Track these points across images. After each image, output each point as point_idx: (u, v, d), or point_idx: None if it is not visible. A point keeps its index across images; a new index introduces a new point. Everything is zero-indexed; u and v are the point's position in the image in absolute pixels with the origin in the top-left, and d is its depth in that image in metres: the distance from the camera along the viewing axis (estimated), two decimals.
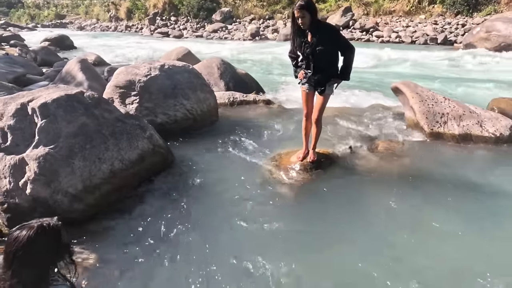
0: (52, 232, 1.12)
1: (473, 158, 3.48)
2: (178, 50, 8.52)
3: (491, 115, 3.99)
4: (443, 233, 2.36)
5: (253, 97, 5.46)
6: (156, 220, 2.55)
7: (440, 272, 2.04)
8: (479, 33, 11.25)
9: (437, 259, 2.13)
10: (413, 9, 16.90)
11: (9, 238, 1.09)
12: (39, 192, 2.36)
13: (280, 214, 2.57)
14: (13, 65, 7.33)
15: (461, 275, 2.03)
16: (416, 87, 4.31)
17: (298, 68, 3.04)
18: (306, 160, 3.21)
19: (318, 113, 3.04)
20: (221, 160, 3.45)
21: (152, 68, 4.19)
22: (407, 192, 2.83)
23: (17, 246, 1.04)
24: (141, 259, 2.17)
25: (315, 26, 2.73)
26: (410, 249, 2.23)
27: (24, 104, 2.63)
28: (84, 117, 2.77)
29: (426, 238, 2.33)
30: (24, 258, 1.04)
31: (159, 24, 24.14)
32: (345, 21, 16.43)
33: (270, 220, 2.50)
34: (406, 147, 3.63)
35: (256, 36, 17.76)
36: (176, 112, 4.11)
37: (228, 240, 2.35)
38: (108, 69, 7.65)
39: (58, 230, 1.14)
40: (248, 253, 2.19)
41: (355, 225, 2.48)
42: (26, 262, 1.04)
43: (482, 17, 14.30)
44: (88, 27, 30.88)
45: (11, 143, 2.49)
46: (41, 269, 1.09)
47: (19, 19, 39.19)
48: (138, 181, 2.95)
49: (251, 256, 2.16)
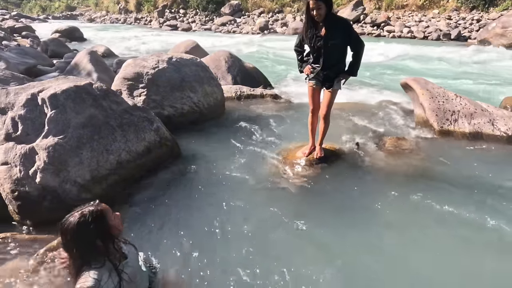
0: (95, 217, 1.33)
1: (483, 157, 3.40)
2: (186, 43, 8.52)
3: (504, 114, 3.89)
4: (448, 232, 2.33)
5: (260, 91, 5.44)
6: (161, 211, 2.58)
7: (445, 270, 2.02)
8: (495, 29, 10.93)
9: (442, 258, 2.11)
10: (426, 3, 16.49)
11: (62, 224, 1.31)
12: (48, 181, 2.41)
13: (283, 209, 2.57)
14: (24, 56, 7.45)
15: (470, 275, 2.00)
16: (427, 83, 4.22)
17: (304, 63, 3.00)
18: (312, 156, 3.19)
19: (327, 108, 3.00)
20: (227, 153, 3.46)
21: (160, 60, 4.20)
22: (413, 191, 2.79)
23: (68, 231, 1.29)
24: (146, 250, 2.20)
25: (330, 19, 2.66)
26: (414, 248, 2.21)
27: (34, 95, 2.68)
28: (93, 108, 2.81)
29: (432, 237, 2.31)
30: (76, 239, 1.30)
31: (168, 17, 24.13)
32: (356, 15, 16.14)
33: (272, 213, 2.50)
34: (414, 145, 3.57)
35: (265, 30, 17.61)
36: (183, 105, 4.12)
37: (230, 232, 2.36)
38: (116, 61, 7.71)
39: (101, 214, 1.35)
40: (250, 245, 2.20)
41: (358, 222, 2.47)
42: (78, 241, 1.30)
43: (499, 12, 13.86)
44: (98, 19, 31.10)
45: (21, 132, 2.54)
46: (92, 245, 1.32)
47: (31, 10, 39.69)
48: (144, 172, 2.98)
49: (252, 248, 2.18)
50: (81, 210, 1.33)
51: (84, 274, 1.29)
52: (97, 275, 1.29)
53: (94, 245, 1.32)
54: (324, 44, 2.72)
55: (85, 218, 1.30)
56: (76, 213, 1.32)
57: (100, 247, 1.34)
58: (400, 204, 2.65)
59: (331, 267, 2.05)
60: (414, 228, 2.39)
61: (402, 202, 2.67)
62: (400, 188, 2.84)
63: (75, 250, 1.30)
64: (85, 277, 1.28)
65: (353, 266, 2.07)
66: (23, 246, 2.21)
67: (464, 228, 2.38)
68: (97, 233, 1.33)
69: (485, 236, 2.30)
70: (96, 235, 1.32)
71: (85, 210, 1.33)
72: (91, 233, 1.31)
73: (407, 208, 2.61)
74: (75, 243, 1.30)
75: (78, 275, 1.30)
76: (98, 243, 1.33)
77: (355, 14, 16.16)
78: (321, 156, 3.15)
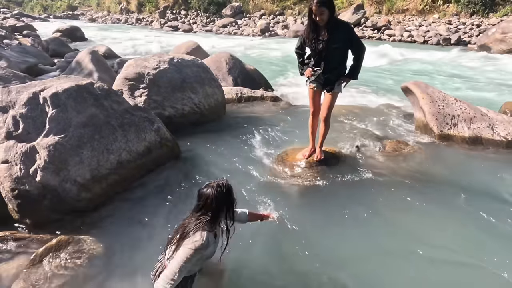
0: (228, 188, 1.64)
1: (482, 162, 3.41)
2: (188, 44, 8.54)
3: (503, 118, 3.90)
4: (446, 235, 2.34)
5: (261, 93, 5.45)
6: (161, 211, 2.58)
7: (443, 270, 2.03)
8: (495, 34, 10.98)
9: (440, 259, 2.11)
10: (426, 8, 16.56)
11: (201, 193, 1.62)
12: (48, 180, 2.41)
13: (283, 210, 2.56)
14: (25, 55, 7.46)
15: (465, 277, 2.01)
16: (427, 87, 4.24)
17: (305, 66, 3.01)
18: (312, 158, 3.19)
19: (327, 111, 3.01)
20: (227, 155, 3.46)
21: (161, 61, 4.21)
22: (412, 194, 2.80)
23: (209, 196, 1.58)
24: (145, 248, 2.20)
25: (332, 23, 2.68)
26: (414, 249, 2.21)
27: (36, 93, 2.68)
28: (94, 107, 2.81)
29: (431, 239, 2.31)
30: (213, 203, 1.58)
31: (169, 18, 24.19)
32: (356, 19, 16.20)
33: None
34: (414, 149, 3.58)
35: (266, 32, 17.66)
36: (183, 106, 4.13)
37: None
38: (118, 61, 7.72)
39: (230, 187, 1.66)
40: (247, 246, 2.20)
41: (358, 224, 2.47)
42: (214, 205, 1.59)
43: (499, 17, 13.94)
44: (99, 19, 31.15)
45: (22, 131, 2.54)
46: (221, 210, 1.62)
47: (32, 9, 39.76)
48: (144, 172, 2.99)
49: (249, 249, 2.18)
50: (217, 182, 1.62)
51: (199, 233, 1.54)
52: (210, 236, 1.56)
53: (222, 211, 1.61)
54: (326, 48, 2.73)
55: (221, 188, 1.60)
56: (214, 183, 1.62)
57: (223, 214, 1.62)
58: (400, 207, 2.65)
59: (329, 267, 2.05)
60: (413, 230, 2.39)
61: (402, 204, 2.68)
62: (399, 191, 2.85)
63: (208, 211, 1.58)
64: (199, 236, 1.53)
65: (351, 268, 2.07)
66: (23, 245, 2.20)
67: (462, 229, 2.39)
68: (227, 201, 1.62)
69: (484, 237, 2.31)
70: (226, 202, 1.61)
71: (220, 182, 1.62)
72: (224, 200, 1.60)
73: (407, 210, 2.62)
74: (211, 206, 1.57)
75: (188, 235, 1.55)
76: (224, 209, 1.61)
77: (356, 18, 16.22)
78: (321, 159, 3.15)
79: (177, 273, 1.49)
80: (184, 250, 1.52)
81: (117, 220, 2.49)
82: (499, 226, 2.43)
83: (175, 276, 1.49)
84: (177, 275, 1.49)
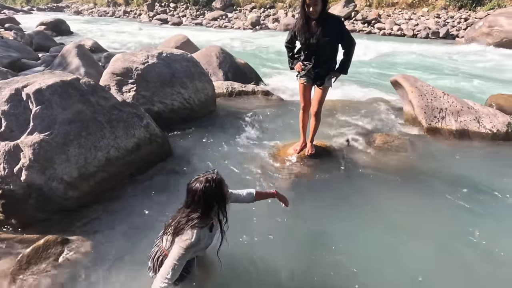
0: (217, 183, 1.55)
1: (469, 154, 3.49)
2: (177, 37, 8.39)
3: (489, 111, 3.99)
4: (433, 228, 2.39)
5: (251, 88, 5.42)
6: (151, 208, 2.55)
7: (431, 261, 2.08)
8: (481, 28, 11.15)
9: (428, 249, 2.16)
10: (416, 2, 16.67)
11: (189, 188, 1.56)
12: (34, 179, 2.35)
13: (275, 205, 2.57)
14: (8, 49, 7.20)
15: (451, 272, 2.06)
16: (416, 81, 4.29)
17: (295, 60, 2.99)
18: (303, 152, 3.20)
19: (318, 106, 3.01)
20: (218, 150, 3.44)
21: (149, 55, 4.13)
22: (401, 186, 2.85)
23: (197, 191, 1.52)
24: (136, 246, 2.18)
25: (323, 16, 2.67)
26: (403, 240, 2.26)
27: (18, 90, 2.59)
28: (80, 104, 2.74)
29: (416, 232, 2.36)
30: (201, 199, 1.52)
31: (158, 11, 23.69)
32: (347, 12, 16.19)
33: (264, 210, 2.51)
34: (403, 142, 3.63)
35: (257, 25, 17.49)
36: (173, 101, 4.07)
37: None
38: (105, 55, 7.54)
39: (221, 181, 1.57)
40: (241, 242, 2.20)
41: (349, 217, 2.50)
42: (202, 201, 1.53)
43: (486, 11, 14.14)
44: (85, 12, 30.26)
45: (5, 129, 2.46)
46: (211, 206, 1.55)
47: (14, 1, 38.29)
48: (134, 169, 2.94)
49: (243, 244, 2.18)
50: (206, 176, 1.54)
51: (189, 231, 1.51)
52: (201, 233, 1.53)
53: (212, 206, 1.54)
54: (317, 41, 2.72)
55: (209, 183, 1.52)
56: (203, 177, 1.54)
57: (214, 209, 1.55)
58: (389, 199, 2.70)
59: (317, 260, 2.08)
60: (402, 222, 2.44)
61: (391, 196, 2.72)
62: (389, 184, 2.89)
63: (197, 208, 1.52)
64: (188, 235, 1.50)
65: (343, 260, 2.10)
66: (8, 246, 2.15)
67: (449, 220, 2.44)
68: (216, 196, 1.54)
69: (470, 228, 2.37)
70: (215, 197, 1.54)
71: (209, 176, 1.54)
72: (213, 196, 1.53)
73: (396, 202, 2.66)
74: (199, 203, 1.52)
75: (181, 232, 1.51)
76: (214, 204, 1.55)
77: (347, 11, 16.21)
78: (312, 153, 3.16)
79: (170, 272, 1.50)
80: (176, 248, 1.53)
81: (106, 219, 2.45)
82: (486, 215, 2.50)
83: (169, 275, 1.50)
84: (171, 274, 1.50)
